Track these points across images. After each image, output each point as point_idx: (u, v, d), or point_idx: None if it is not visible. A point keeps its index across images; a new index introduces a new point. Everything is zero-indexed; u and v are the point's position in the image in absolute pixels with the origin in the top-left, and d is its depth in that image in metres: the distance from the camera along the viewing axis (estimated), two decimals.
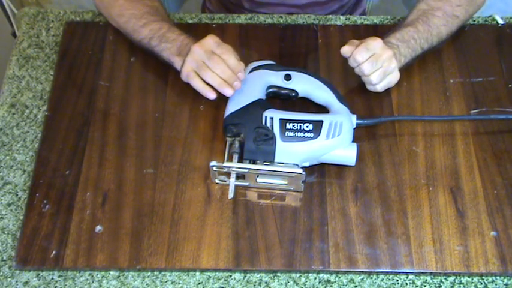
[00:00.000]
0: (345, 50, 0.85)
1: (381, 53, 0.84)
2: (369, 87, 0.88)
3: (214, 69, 0.82)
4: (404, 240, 0.79)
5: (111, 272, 0.78)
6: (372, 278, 0.78)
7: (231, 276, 0.78)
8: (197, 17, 1.02)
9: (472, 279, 0.77)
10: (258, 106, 0.83)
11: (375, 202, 0.82)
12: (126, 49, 0.96)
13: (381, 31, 0.95)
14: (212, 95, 0.83)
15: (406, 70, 0.92)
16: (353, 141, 0.83)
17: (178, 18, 1.01)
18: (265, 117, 0.81)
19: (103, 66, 0.94)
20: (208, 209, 0.81)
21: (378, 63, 0.84)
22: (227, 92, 0.82)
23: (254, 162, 0.80)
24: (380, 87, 0.86)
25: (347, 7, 1.17)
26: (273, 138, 0.80)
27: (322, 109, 0.86)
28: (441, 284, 0.77)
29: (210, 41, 0.83)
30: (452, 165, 0.85)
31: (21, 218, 0.81)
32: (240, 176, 0.81)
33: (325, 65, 0.94)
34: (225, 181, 0.82)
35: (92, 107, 0.90)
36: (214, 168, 0.79)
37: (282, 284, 0.77)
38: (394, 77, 0.87)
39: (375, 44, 0.84)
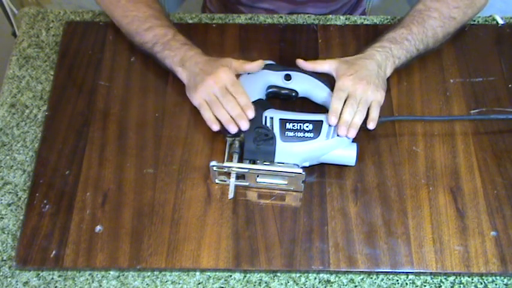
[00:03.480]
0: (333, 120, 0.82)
1: (353, 94, 0.82)
2: (372, 120, 0.83)
3: (226, 106, 0.82)
4: (404, 240, 0.79)
5: (111, 272, 0.78)
6: (372, 278, 0.78)
7: (231, 276, 0.78)
8: (197, 17, 1.02)
9: (472, 279, 0.77)
10: (258, 106, 0.83)
11: (375, 202, 0.82)
12: (126, 49, 0.96)
13: (381, 31, 0.95)
14: (216, 128, 0.84)
15: (406, 70, 0.92)
16: (353, 141, 0.83)
17: (178, 18, 1.01)
18: (265, 117, 0.82)
19: (103, 66, 0.94)
20: (208, 209, 0.81)
21: (353, 106, 0.81)
22: (232, 129, 0.82)
23: (254, 162, 0.80)
24: (372, 125, 0.83)
25: (348, 6, 1.17)
26: (273, 138, 0.80)
27: (322, 109, 0.86)
28: (441, 284, 0.77)
29: (225, 78, 0.82)
30: (452, 165, 0.85)
31: (21, 218, 0.81)
32: (240, 176, 0.81)
33: None
34: (225, 181, 0.82)
35: (92, 107, 0.90)
36: (215, 168, 0.79)
37: (282, 284, 0.77)
38: (378, 100, 0.83)
39: (343, 87, 0.82)
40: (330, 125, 0.81)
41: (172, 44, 0.87)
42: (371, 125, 0.83)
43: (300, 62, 0.87)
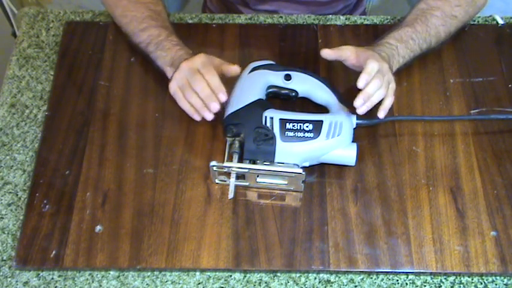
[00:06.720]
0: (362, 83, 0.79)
1: (383, 73, 0.81)
2: (384, 109, 0.82)
3: (195, 87, 0.82)
4: (404, 240, 0.79)
5: (111, 272, 0.78)
6: (372, 278, 0.78)
7: (231, 276, 0.78)
8: (197, 17, 1.02)
9: (472, 279, 0.77)
10: (258, 106, 0.83)
11: (375, 202, 0.82)
12: (126, 49, 0.96)
13: (381, 31, 0.95)
14: (197, 118, 0.84)
15: (406, 70, 0.92)
16: (353, 141, 0.83)
17: (178, 18, 1.01)
18: (265, 117, 0.81)
19: (103, 66, 0.94)
20: (208, 209, 0.81)
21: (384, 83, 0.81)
22: (207, 116, 0.82)
23: (254, 162, 0.80)
24: (383, 113, 0.82)
25: (349, 8, 1.17)
26: (273, 138, 0.80)
27: (322, 109, 0.86)
28: (441, 284, 0.77)
29: (198, 60, 0.82)
30: (452, 165, 0.85)
31: (21, 218, 0.81)
32: (240, 176, 0.81)
33: (325, 65, 0.94)
34: (225, 181, 0.82)
35: (92, 107, 0.90)
36: (215, 168, 0.79)
37: (282, 284, 0.77)
38: (394, 87, 0.83)
39: (373, 68, 0.79)
40: (355, 107, 0.78)
41: (165, 45, 0.88)
42: (381, 114, 0.81)
43: (325, 52, 0.85)
